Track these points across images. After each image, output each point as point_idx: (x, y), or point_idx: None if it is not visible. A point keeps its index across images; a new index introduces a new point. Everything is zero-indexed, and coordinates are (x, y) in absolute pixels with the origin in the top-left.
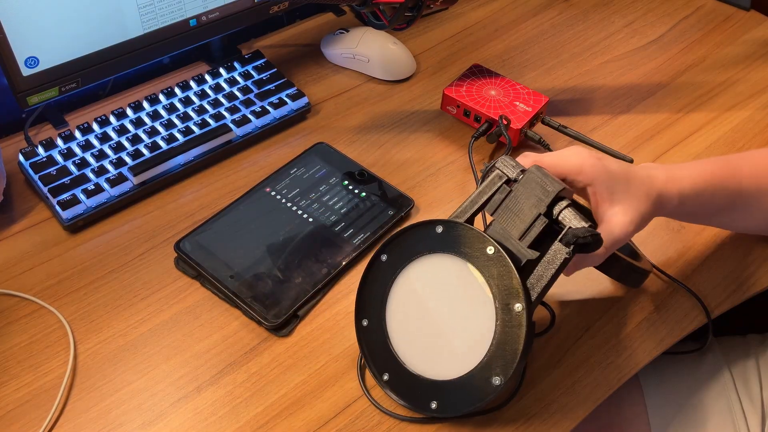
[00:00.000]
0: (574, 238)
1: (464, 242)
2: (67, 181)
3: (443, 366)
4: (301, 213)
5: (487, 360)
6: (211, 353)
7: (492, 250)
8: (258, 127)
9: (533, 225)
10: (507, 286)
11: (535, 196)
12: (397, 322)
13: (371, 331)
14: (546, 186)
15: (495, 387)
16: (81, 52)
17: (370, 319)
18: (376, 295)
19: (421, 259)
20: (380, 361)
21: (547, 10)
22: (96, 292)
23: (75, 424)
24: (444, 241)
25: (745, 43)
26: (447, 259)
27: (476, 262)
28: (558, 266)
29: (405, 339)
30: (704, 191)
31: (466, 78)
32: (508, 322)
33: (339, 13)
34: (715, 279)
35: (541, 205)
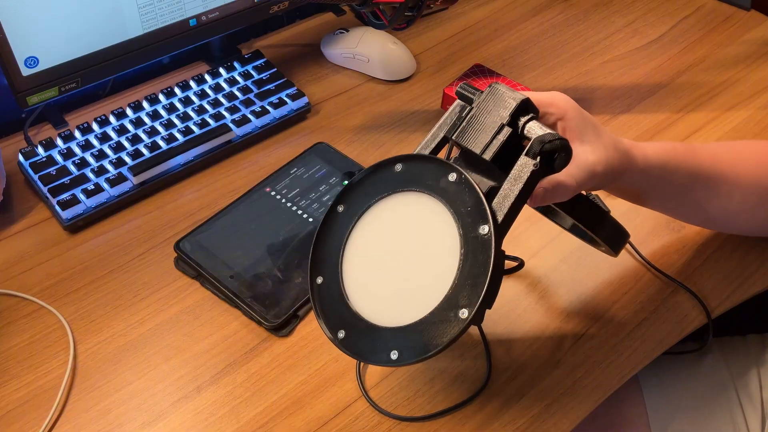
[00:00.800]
0: (540, 145)
1: (425, 175)
2: (66, 181)
3: (404, 311)
4: (301, 213)
5: (452, 293)
6: (211, 353)
7: (454, 176)
8: (258, 127)
9: (496, 136)
10: (471, 211)
11: (497, 108)
12: (355, 274)
13: (325, 288)
14: (508, 97)
15: (461, 320)
16: (81, 52)
17: (324, 275)
18: (331, 249)
19: (381, 202)
20: (335, 319)
21: (547, 10)
22: (96, 292)
23: (75, 424)
24: (404, 179)
25: (745, 43)
26: (408, 197)
27: (439, 193)
28: (525, 182)
29: (363, 291)
30: (667, 163)
31: (467, 77)
32: (474, 248)
33: (339, 12)
34: (715, 279)
35: (504, 115)
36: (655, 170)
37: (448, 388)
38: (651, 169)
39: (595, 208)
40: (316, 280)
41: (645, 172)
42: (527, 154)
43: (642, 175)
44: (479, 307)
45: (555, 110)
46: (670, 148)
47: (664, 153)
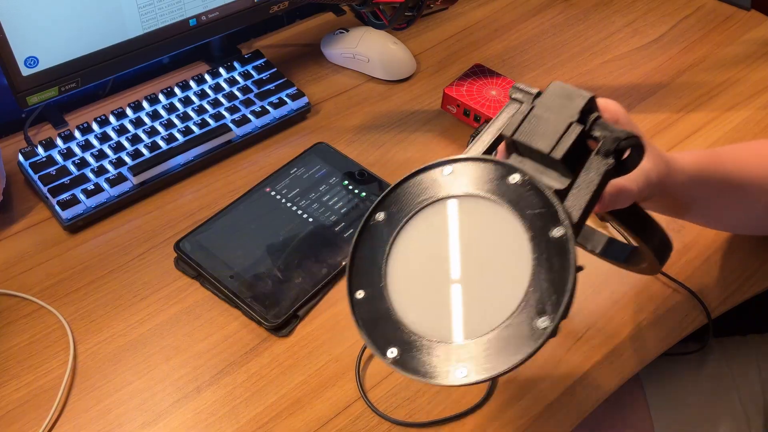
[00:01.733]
0: (615, 143)
1: (480, 178)
2: (66, 181)
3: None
4: (301, 213)
5: (527, 301)
6: (211, 353)
7: (517, 177)
8: (258, 127)
9: (565, 134)
10: (541, 214)
11: (562, 106)
12: (402, 285)
13: (368, 302)
14: (574, 94)
15: (542, 331)
16: (81, 51)
17: (366, 289)
18: (372, 260)
19: (428, 209)
20: (383, 336)
21: (547, 10)
22: (96, 292)
23: (75, 425)
24: (455, 184)
25: (745, 43)
26: (460, 203)
27: (498, 198)
28: (598, 182)
29: (415, 303)
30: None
31: (467, 77)
32: (548, 251)
33: (339, 12)
34: (715, 279)
35: (572, 112)
36: (692, 180)
37: (449, 388)
38: (689, 179)
39: (645, 215)
40: (356, 295)
41: (684, 182)
42: (598, 153)
43: (682, 186)
44: (562, 314)
45: (608, 116)
46: (701, 156)
47: (698, 161)
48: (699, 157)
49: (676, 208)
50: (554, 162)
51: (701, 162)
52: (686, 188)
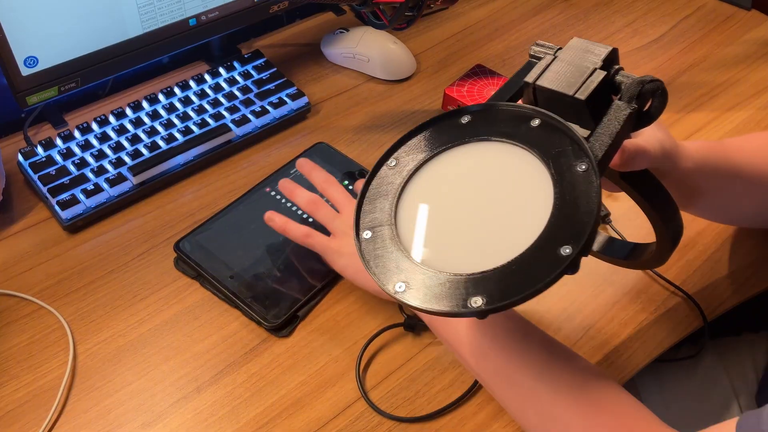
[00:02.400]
0: (638, 87)
1: (499, 124)
2: (66, 181)
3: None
4: (301, 213)
5: (549, 231)
6: (210, 353)
7: (537, 120)
8: (258, 126)
9: (589, 78)
10: (563, 152)
11: (584, 56)
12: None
13: (377, 241)
14: (596, 46)
15: (565, 257)
16: (80, 51)
17: (374, 230)
18: (382, 203)
19: (445, 153)
20: (392, 272)
21: (548, 10)
22: (95, 292)
23: (74, 425)
24: (473, 130)
25: (745, 43)
26: (479, 146)
27: (518, 139)
28: (622, 123)
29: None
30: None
31: (468, 78)
32: (572, 185)
33: (339, 12)
34: (715, 279)
35: (595, 60)
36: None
37: (449, 389)
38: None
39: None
40: (363, 235)
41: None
42: (622, 98)
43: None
44: (586, 243)
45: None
46: (706, 145)
47: (703, 149)
48: (704, 146)
49: (682, 198)
50: (578, 107)
51: (707, 150)
52: (692, 175)
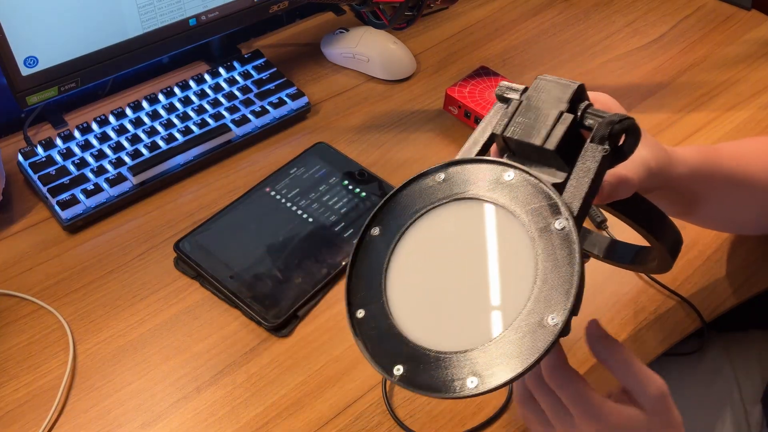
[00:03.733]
0: (609, 127)
1: (473, 180)
2: (66, 180)
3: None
4: (301, 213)
5: (533, 300)
6: (210, 353)
7: (511, 174)
8: (258, 126)
9: (557, 124)
10: (539, 207)
11: (550, 98)
12: (404, 300)
13: (369, 321)
14: (562, 84)
15: (551, 327)
16: (80, 51)
17: (366, 307)
18: (371, 277)
19: (424, 217)
20: (388, 354)
21: (548, 10)
22: (95, 292)
23: (74, 425)
24: (449, 189)
25: (745, 43)
26: (457, 207)
27: (494, 198)
28: (596, 170)
29: (418, 317)
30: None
31: (471, 79)
32: (552, 245)
33: (339, 12)
34: (715, 279)
35: (561, 102)
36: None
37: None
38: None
39: (652, 207)
40: (356, 314)
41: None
42: (593, 140)
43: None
44: (571, 309)
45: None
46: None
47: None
48: (699, 151)
49: (682, 206)
50: (549, 156)
51: (702, 155)
52: (689, 182)
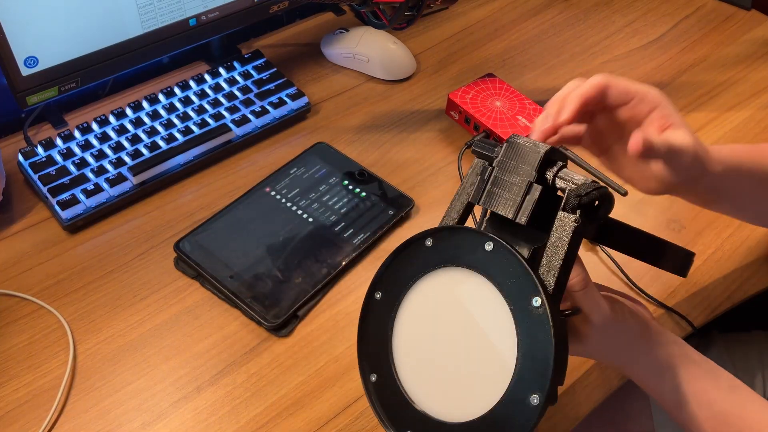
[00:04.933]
0: (576, 199)
1: (459, 247)
2: (66, 180)
3: (472, 402)
4: (301, 213)
5: (517, 378)
6: (210, 353)
7: (491, 245)
8: (258, 126)
9: (526, 196)
10: (518, 283)
11: (521, 164)
12: (410, 366)
13: (383, 387)
14: (531, 150)
15: (533, 408)
16: (80, 51)
17: (378, 372)
18: (379, 341)
19: (419, 283)
20: (399, 420)
21: (547, 10)
22: (95, 292)
23: (74, 425)
24: (438, 255)
25: (745, 43)
26: (447, 275)
27: (478, 267)
28: (569, 241)
29: (422, 384)
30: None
31: (476, 85)
32: (530, 324)
33: (339, 12)
34: (715, 279)
35: (529, 171)
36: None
37: None
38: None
39: (654, 240)
40: (370, 378)
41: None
42: (564, 209)
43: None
44: (549, 389)
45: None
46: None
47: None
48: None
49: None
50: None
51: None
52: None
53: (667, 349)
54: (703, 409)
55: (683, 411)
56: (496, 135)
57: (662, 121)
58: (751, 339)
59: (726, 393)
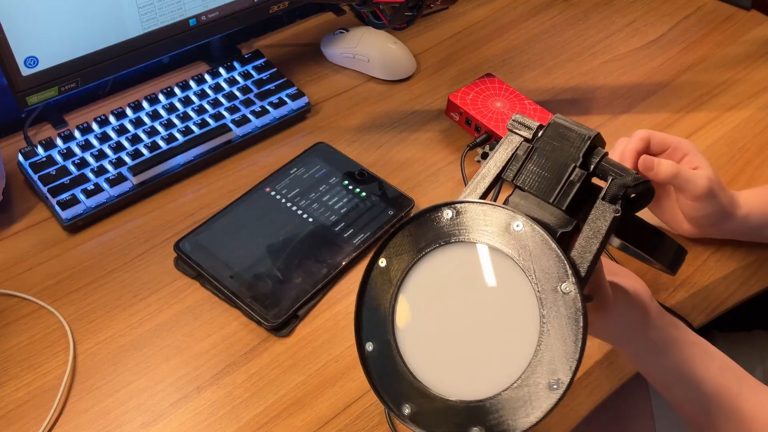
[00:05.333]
0: (622, 189)
1: (482, 223)
2: (66, 181)
3: (481, 382)
4: (301, 213)
5: (538, 362)
6: (210, 353)
7: (520, 224)
8: (258, 127)
9: (568, 180)
10: (547, 266)
11: (564, 146)
12: (412, 338)
13: (380, 356)
14: (577, 133)
15: (554, 390)
16: (80, 51)
17: (375, 341)
18: (379, 309)
19: (430, 255)
20: (397, 392)
21: (547, 10)
22: (95, 292)
23: (74, 425)
24: (456, 228)
25: (745, 43)
26: (463, 249)
27: (502, 244)
28: (606, 231)
29: (425, 358)
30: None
31: (476, 86)
32: (558, 308)
33: (339, 12)
34: (715, 279)
35: (574, 154)
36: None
37: None
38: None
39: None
40: (366, 347)
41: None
42: (605, 198)
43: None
44: (574, 375)
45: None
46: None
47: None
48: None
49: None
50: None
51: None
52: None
53: (664, 332)
54: (694, 389)
55: (674, 391)
56: (498, 136)
57: (692, 165)
58: (752, 338)
59: (717, 374)
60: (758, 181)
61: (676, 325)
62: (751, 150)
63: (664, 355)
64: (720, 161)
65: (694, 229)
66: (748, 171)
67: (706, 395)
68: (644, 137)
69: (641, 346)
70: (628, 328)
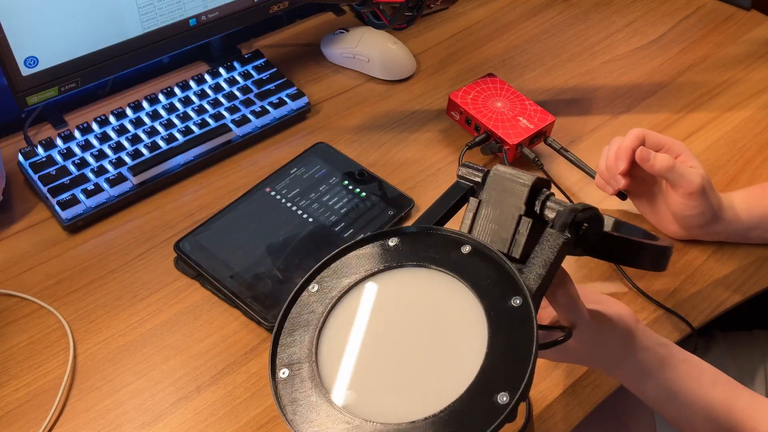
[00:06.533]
0: (571, 215)
1: (429, 247)
2: (66, 181)
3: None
4: (301, 213)
5: (483, 374)
6: (210, 353)
7: (468, 248)
8: (258, 127)
9: (517, 231)
10: (497, 283)
11: (508, 197)
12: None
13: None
14: (517, 183)
15: (501, 406)
16: (80, 51)
17: (293, 368)
18: (301, 336)
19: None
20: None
21: (547, 10)
22: (95, 292)
23: (74, 425)
24: (400, 254)
25: (745, 43)
26: (406, 273)
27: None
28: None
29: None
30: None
31: (476, 86)
32: (507, 321)
33: (339, 12)
34: (715, 278)
35: (518, 204)
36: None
37: None
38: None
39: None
40: (280, 374)
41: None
42: (553, 227)
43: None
44: (524, 389)
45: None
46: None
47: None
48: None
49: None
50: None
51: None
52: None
53: (652, 352)
54: (688, 406)
55: (669, 409)
56: (497, 136)
57: (685, 164)
58: (752, 338)
59: (708, 388)
60: (758, 181)
61: (663, 344)
62: (751, 150)
63: (655, 374)
64: (720, 161)
65: (683, 231)
66: (748, 171)
67: (700, 410)
68: (639, 136)
69: (631, 368)
70: (616, 353)
